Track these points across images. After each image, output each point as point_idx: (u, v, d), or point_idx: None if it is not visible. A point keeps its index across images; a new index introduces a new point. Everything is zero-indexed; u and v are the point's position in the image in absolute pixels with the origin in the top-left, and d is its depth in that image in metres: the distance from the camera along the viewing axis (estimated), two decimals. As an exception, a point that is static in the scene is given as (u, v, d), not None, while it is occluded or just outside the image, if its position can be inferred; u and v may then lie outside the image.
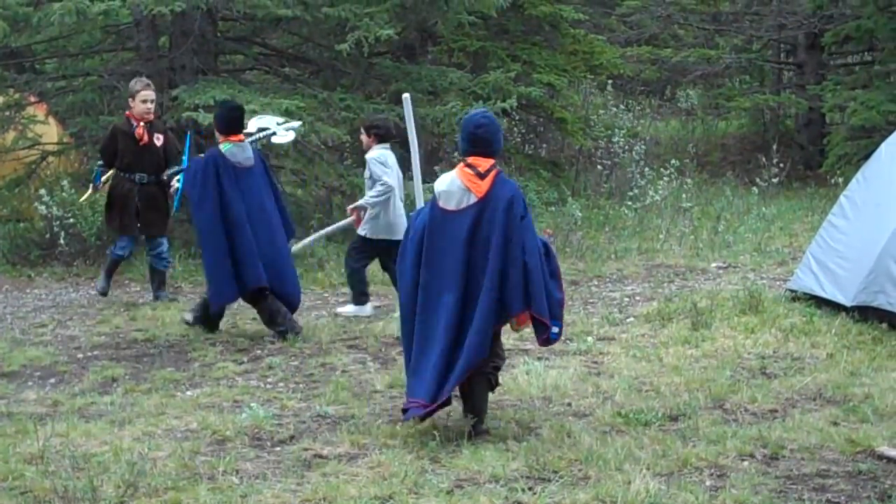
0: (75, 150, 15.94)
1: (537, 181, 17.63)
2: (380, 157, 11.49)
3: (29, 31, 14.42)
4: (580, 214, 16.11)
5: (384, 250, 11.41)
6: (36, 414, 8.30)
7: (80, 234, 14.04)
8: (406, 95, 9.15)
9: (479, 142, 7.75)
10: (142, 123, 12.18)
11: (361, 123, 12.30)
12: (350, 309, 11.66)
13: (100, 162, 12.46)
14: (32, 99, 15.62)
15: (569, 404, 8.40)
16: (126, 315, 11.70)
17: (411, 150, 9.24)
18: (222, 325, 11.00)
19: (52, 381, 9.33)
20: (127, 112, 12.41)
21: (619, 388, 8.71)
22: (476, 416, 7.76)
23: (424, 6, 14.56)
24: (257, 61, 16.81)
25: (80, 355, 10.16)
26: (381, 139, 11.63)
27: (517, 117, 20.01)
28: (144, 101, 12.15)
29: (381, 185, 11.34)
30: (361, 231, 11.59)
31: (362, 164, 18.15)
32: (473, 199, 7.68)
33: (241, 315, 11.54)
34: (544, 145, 21.02)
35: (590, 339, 10.30)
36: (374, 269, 12.10)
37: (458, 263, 7.63)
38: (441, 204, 7.77)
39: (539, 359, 9.50)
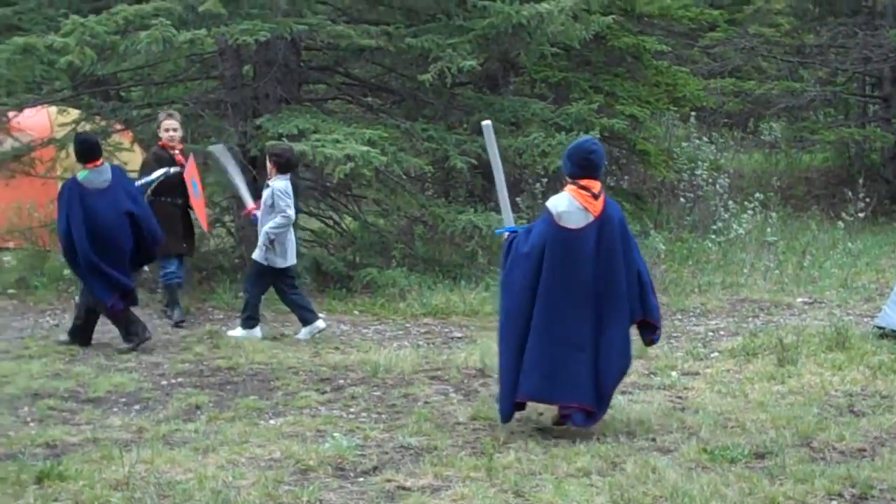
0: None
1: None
2: (284, 187, 11.93)
3: (115, 60, 14.56)
4: (663, 247, 16.05)
5: (279, 275, 12.07)
6: (121, 440, 8.38)
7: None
8: (486, 122, 9.20)
9: (591, 166, 8.52)
10: (177, 151, 13.11)
11: (267, 150, 12.73)
12: (239, 332, 12.02)
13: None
14: (118, 126, 15.80)
15: (653, 439, 8.34)
16: (209, 343, 11.79)
17: (495, 175, 9.29)
18: (305, 354, 11.08)
19: (137, 407, 9.42)
20: (159, 142, 13.28)
21: (704, 423, 8.64)
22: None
23: (507, 37, 14.54)
24: (340, 91, 16.90)
25: (165, 382, 10.25)
26: (280, 168, 12.05)
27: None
28: (167, 130, 13.10)
29: (284, 216, 11.87)
30: (259, 258, 12.05)
31: (445, 194, 18.38)
32: (591, 218, 8.43)
33: (324, 344, 11.62)
34: (626, 177, 20.95)
35: (674, 373, 10.25)
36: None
37: (588, 276, 8.42)
38: (561, 223, 8.44)
39: (623, 393, 9.44)
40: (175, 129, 13.19)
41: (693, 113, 22.11)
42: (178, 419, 8.97)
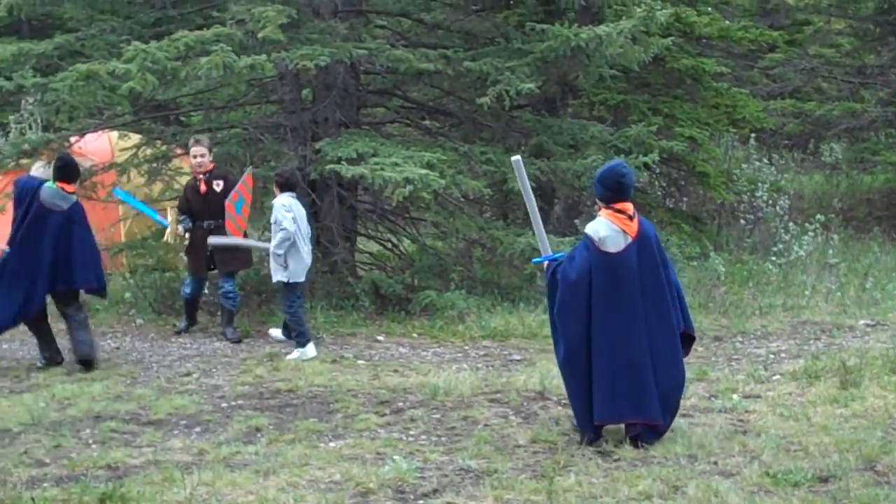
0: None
1: (679, 235, 17.48)
2: (283, 202, 12.31)
3: (176, 85, 14.69)
4: (723, 269, 15.98)
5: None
6: (182, 462, 8.44)
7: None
8: (516, 158, 9.40)
9: (623, 189, 8.82)
10: (201, 176, 13.53)
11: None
12: (295, 354, 12.18)
13: (181, 216, 13.81)
14: (178, 151, 15.92)
15: (715, 463, 8.29)
16: (269, 365, 11.84)
17: (528, 207, 9.40)
18: (364, 377, 11.12)
19: (198, 429, 9.48)
20: (187, 158, 14.04)
21: (767, 447, 8.57)
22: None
23: (566, 60, 14.53)
24: (398, 114, 16.96)
25: (225, 404, 10.30)
26: (282, 187, 12.45)
27: (658, 171, 19.90)
28: (194, 157, 13.59)
29: (282, 230, 12.17)
30: (282, 278, 12.32)
31: (503, 216, 18.39)
32: (630, 240, 8.72)
33: (383, 367, 11.64)
34: (685, 199, 20.86)
35: (735, 396, 10.18)
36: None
37: (635, 295, 8.69)
38: (602, 248, 8.70)
39: (683, 416, 9.39)
40: (202, 156, 13.55)
41: (753, 134, 21.95)
42: (238, 441, 9.02)
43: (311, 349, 12.25)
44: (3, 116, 22.90)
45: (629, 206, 8.79)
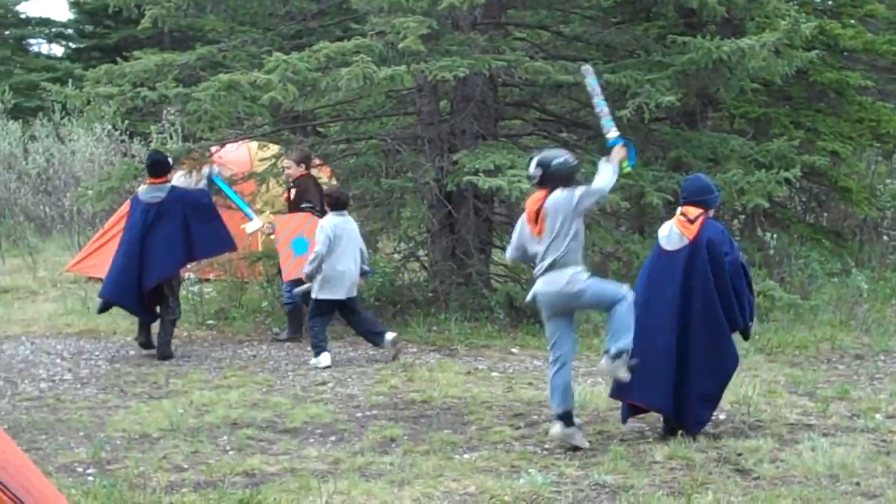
0: (356, 211, 16.36)
1: (819, 251, 17.19)
2: (324, 224, 12.69)
3: (316, 96, 14.86)
4: (866, 286, 15.67)
5: (338, 307, 12.78)
6: (318, 471, 8.50)
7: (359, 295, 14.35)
8: (587, 67, 10.31)
9: (689, 194, 9.48)
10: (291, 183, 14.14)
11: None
12: (312, 360, 12.61)
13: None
14: (317, 161, 16.07)
15: (857, 483, 8.11)
16: (403, 375, 11.89)
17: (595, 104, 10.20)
18: (498, 389, 11.12)
19: (333, 438, 9.54)
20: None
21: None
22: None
23: (707, 73, 14.40)
24: (536, 126, 16.92)
25: (359, 414, 10.36)
26: (331, 207, 12.86)
27: (798, 185, 19.61)
28: (285, 169, 14.38)
29: (313, 252, 12.56)
30: (312, 292, 12.64)
31: (639, 229, 18.24)
32: (686, 241, 9.28)
33: (518, 379, 11.62)
34: (825, 214, 20.53)
35: (878, 416, 9.97)
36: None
37: (675, 293, 9.23)
38: (662, 246, 9.42)
39: (825, 435, 9.24)
40: (288, 167, 14.18)
41: (897, 149, 21.54)
42: (373, 451, 9.06)
43: (324, 359, 12.53)
44: (146, 126, 23.42)
45: (693, 211, 9.34)
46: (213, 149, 15.71)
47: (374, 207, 15.67)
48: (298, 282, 13.06)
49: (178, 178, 15.92)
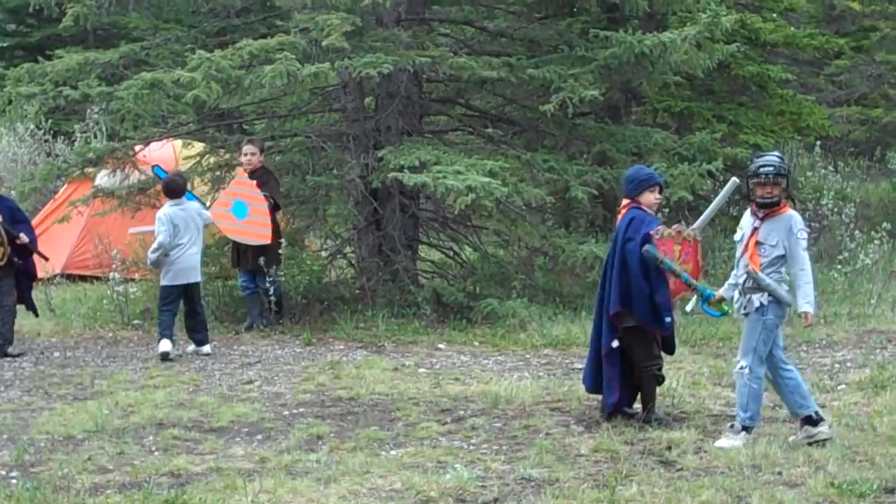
0: (282, 209, 16.31)
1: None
2: (161, 216, 13.00)
3: (240, 94, 14.80)
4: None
5: (181, 293, 13.06)
6: (244, 470, 8.46)
7: (285, 293, 14.32)
8: (734, 180, 9.95)
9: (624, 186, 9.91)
10: (245, 174, 14.15)
11: None
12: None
13: None
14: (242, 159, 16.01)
15: (779, 473, 8.19)
16: (330, 373, 11.87)
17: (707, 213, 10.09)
18: (425, 385, 11.14)
19: (259, 437, 9.50)
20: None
21: (832, 457, 8.47)
22: (645, 406, 9.53)
23: (630, 67, 14.50)
24: (461, 122, 16.97)
25: (286, 412, 10.33)
26: (167, 195, 13.28)
27: (721, 179, 19.75)
28: (244, 154, 14.31)
29: (156, 241, 12.93)
30: (161, 279, 13.13)
31: (565, 224, 18.34)
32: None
33: (444, 375, 11.63)
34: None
35: (800, 406, 10.06)
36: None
37: (600, 283, 9.89)
38: None
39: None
40: (252, 154, 14.17)
41: (818, 142, 21.77)
42: (299, 449, 9.03)
43: (162, 345, 12.79)
44: (69, 125, 23.21)
45: (624, 201, 9.76)
46: (138, 147, 15.60)
47: (300, 205, 15.63)
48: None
49: (102, 178, 15.83)
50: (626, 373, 9.66)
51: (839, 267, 16.73)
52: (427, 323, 14.16)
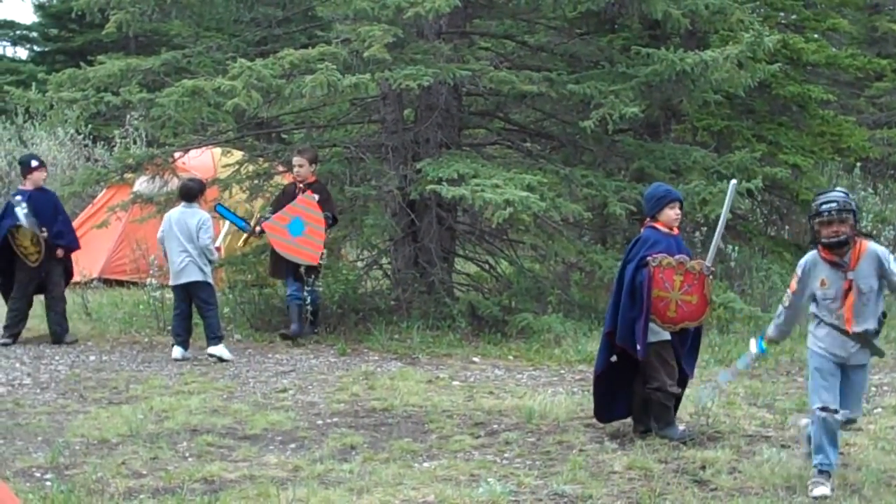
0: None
1: (780, 263, 17.28)
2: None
3: (280, 103, 14.87)
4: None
5: (182, 295, 13.39)
6: (277, 478, 8.47)
7: (321, 301, 14.35)
8: (733, 182, 9.73)
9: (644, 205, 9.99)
10: (300, 185, 14.02)
11: None
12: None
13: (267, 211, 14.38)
14: (280, 168, 16.07)
15: (814, 496, 8.16)
16: (364, 383, 11.88)
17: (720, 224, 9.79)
18: (459, 398, 11.13)
19: (293, 446, 9.51)
20: (289, 175, 14.60)
21: (867, 481, 8.41)
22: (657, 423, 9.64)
23: (670, 85, 14.48)
24: (500, 136, 16.97)
25: (320, 422, 10.34)
26: (181, 198, 13.53)
27: (760, 198, 19.72)
28: (294, 166, 14.14)
29: None
30: None
31: (602, 240, 18.32)
32: None
33: (478, 388, 11.62)
34: (787, 227, 20.65)
35: (835, 428, 10.01)
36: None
37: None
38: None
39: (783, 447, 9.28)
40: (300, 165, 13.98)
41: (858, 163, 21.67)
42: (333, 459, 9.03)
43: (173, 352, 13.24)
44: (109, 131, 23.37)
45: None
46: (177, 154, 15.68)
47: (338, 215, 15.66)
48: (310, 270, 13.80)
49: (141, 184, 15.90)
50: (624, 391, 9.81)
51: (877, 290, 16.62)
52: (462, 336, 14.16)
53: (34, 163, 14.18)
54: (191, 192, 13.32)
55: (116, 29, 14.97)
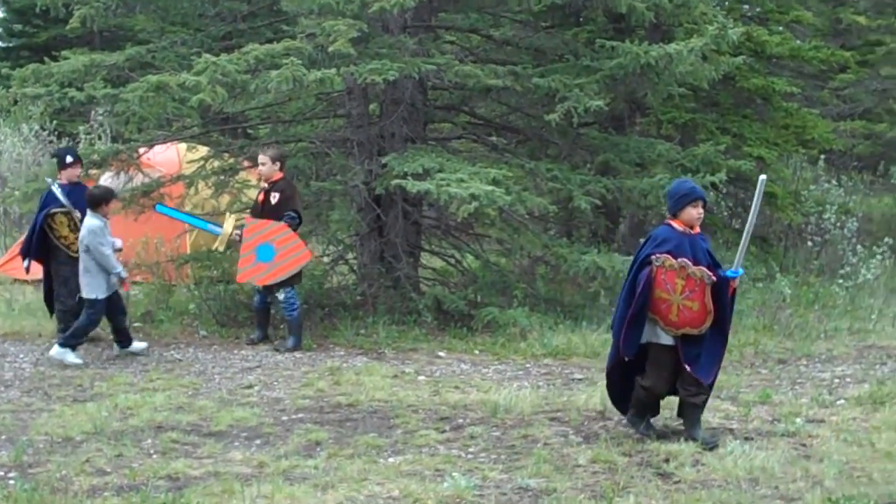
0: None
1: (745, 256, 17.32)
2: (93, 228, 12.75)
3: (245, 98, 14.83)
4: (789, 291, 15.84)
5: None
6: (242, 474, 8.47)
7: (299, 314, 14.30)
8: (762, 177, 9.49)
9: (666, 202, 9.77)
10: (264, 184, 13.71)
11: None
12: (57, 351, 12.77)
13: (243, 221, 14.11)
14: (246, 164, 16.02)
15: (776, 487, 8.21)
16: (330, 379, 11.87)
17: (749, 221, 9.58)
18: (425, 392, 11.14)
19: (258, 442, 9.51)
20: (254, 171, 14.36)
21: (829, 472, 8.48)
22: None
23: (635, 78, 14.48)
24: (465, 130, 16.97)
25: (285, 417, 10.34)
26: (91, 206, 12.90)
27: (725, 191, 19.80)
28: (258, 164, 13.73)
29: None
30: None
31: (567, 234, 18.36)
32: None
33: (444, 383, 11.63)
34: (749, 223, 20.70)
35: (798, 420, 10.07)
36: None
37: None
38: None
39: (746, 439, 9.33)
40: (263, 163, 13.65)
41: (822, 155, 21.77)
42: (298, 455, 9.04)
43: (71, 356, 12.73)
44: (73, 126, 23.26)
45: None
46: (142, 150, 15.61)
47: (303, 210, 15.62)
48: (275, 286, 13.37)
49: (106, 180, 15.83)
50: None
51: (840, 281, 16.75)
52: (427, 330, 14.17)
53: (69, 158, 13.93)
54: (91, 200, 12.89)
55: (81, 24, 14.88)
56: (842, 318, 15.23)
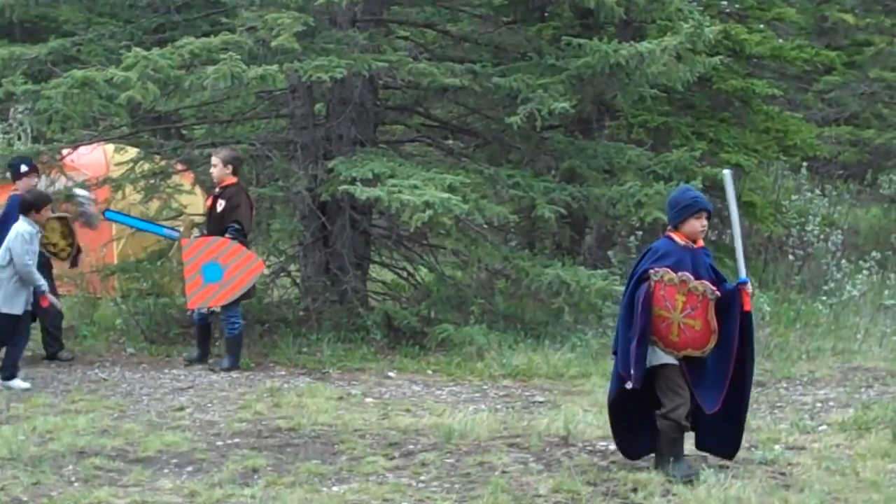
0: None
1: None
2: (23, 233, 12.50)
3: (179, 96, 14.79)
4: (768, 309, 15.92)
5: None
6: (171, 504, 8.46)
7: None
8: (727, 171, 9.67)
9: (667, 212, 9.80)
10: (216, 190, 13.68)
11: None
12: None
13: None
14: (179, 167, 15.99)
15: (753, 519, 8.26)
16: (269, 401, 11.84)
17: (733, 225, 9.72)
18: (373, 416, 11.14)
19: (190, 469, 9.48)
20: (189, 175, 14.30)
21: (810, 503, 8.53)
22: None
23: (604, 78, 14.54)
24: (419, 132, 17.00)
25: (220, 442, 10.30)
26: (24, 211, 12.66)
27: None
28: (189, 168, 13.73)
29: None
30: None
31: (529, 245, 18.38)
32: None
33: (394, 406, 11.64)
34: (729, 231, 20.84)
35: (777, 447, 10.11)
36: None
37: None
38: None
39: (721, 467, 9.36)
40: (214, 165, 13.65)
41: (805, 163, 21.89)
42: (233, 483, 9.01)
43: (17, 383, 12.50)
44: (-9, 125, 23.05)
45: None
46: (66, 151, 15.55)
47: (249, 223, 15.62)
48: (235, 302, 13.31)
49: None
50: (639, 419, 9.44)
51: (824, 298, 16.84)
52: (376, 349, 14.17)
53: (24, 168, 13.79)
54: (23, 205, 12.71)
55: (0, 14, 14.84)
56: (825, 338, 15.32)
